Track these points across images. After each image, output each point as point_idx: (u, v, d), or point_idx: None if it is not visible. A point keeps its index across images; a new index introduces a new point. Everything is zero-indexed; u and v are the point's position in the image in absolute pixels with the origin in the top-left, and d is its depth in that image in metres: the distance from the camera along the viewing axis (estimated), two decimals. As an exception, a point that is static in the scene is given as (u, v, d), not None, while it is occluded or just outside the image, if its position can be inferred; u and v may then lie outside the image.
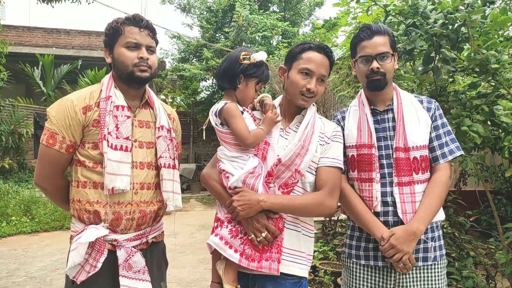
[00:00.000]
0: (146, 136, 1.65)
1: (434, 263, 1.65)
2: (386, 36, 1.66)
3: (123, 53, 1.57)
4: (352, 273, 1.74)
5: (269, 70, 1.67)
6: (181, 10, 14.50)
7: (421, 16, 2.19)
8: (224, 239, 1.51)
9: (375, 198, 1.64)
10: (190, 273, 4.62)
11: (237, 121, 1.53)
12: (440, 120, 1.70)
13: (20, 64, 9.99)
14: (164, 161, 1.64)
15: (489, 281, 2.84)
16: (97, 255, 1.49)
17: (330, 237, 4.30)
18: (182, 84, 13.03)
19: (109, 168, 1.51)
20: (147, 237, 1.65)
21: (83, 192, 1.55)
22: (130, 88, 1.63)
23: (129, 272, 1.54)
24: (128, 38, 1.56)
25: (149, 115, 1.68)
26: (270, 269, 1.47)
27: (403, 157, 1.63)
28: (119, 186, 1.51)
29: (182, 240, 6.16)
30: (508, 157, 2.19)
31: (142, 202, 1.60)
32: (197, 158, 13.17)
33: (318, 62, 1.57)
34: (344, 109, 1.87)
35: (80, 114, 1.54)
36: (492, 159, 4.73)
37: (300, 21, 14.65)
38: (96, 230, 1.51)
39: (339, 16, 3.12)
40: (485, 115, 2.21)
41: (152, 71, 1.61)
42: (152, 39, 1.63)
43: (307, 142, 1.55)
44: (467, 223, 3.08)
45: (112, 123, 1.54)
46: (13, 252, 5.36)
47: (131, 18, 1.59)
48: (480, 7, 2.06)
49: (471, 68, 2.27)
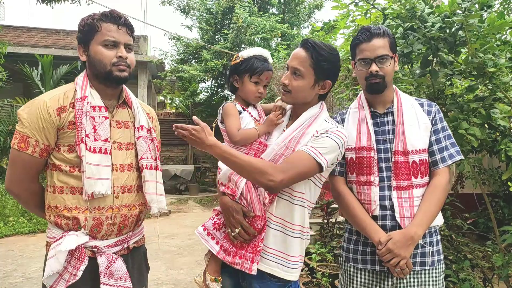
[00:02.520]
0: (125, 137, 1.58)
1: (432, 268, 1.63)
2: (385, 38, 1.64)
3: (100, 51, 1.48)
4: (349, 277, 1.73)
5: (264, 61, 1.69)
6: (181, 12, 14.51)
7: (419, 20, 2.20)
8: (207, 230, 1.60)
9: (373, 202, 1.62)
10: (187, 275, 4.61)
11: (229, 119, 1.61)
12: (441, 124, 1.68)
13: (19, 64, 9.97)
14: (146, 162, 1.59)
15: (486, 283, 2.85)
16: (77, 263, 1.42)
17: (328, 239, 4.31)
18: (181, 86, 13.02)
19: (88, 172, 1.43)
20: (128, 243, 1.60)
21: (60, 197, 1.47)
22: (107, 87, 1.55)
23: (110, 279, 1.48)
24: (106, 36, 1.48)
25: (127, 115, 1.62)
26: (243, 267, 1.48)
27: (402, 161, 1.62)
28: (99, 191, 1.44)
29: (179, 242, 6.15)
30: (504, 160, 2.20)
31: (123, 206, 1.54)
32: (196, 159, 13.16)
33: (294, 56, 1.58)
34: (344, 111, 1.85)
35: (54, 116, 1.45)
36: (490, 162, 4.74)
37: (300, 23, 14.68)
38: (76, 237, 1.44)
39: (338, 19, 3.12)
40: (482, 118, 2.23)
41: (131, 69, 1.55)
42: (130, 36, 1.56)
43: (293, 143, 1.52)
44: (464, 225, 3.08)
45: (90, 124, 1.46)
46: (10, 253, 5.34)
47: (108, 15, 1.51)
48: (478, 11, 2.07)
49: (468, 71, 2.28)
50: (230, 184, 1.57)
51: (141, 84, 12.44)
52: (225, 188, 1.59)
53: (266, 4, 13.81)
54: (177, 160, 12.92)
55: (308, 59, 1.53)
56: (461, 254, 2.81)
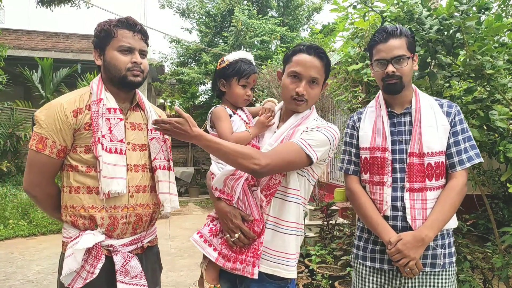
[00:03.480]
0: (139, 138, 1.63)
1: (443, 270, 1.61)
2: (402, 38, 1.62)
3: (116, 56, 1.54)
4: (359, 274, 1.74)
5: (250, 64, 1.69)
6: (180, 15, 14.56)
7: (417, 22, 2.21)
8: (203, 237, 1.57)
9: (385, 202, 1.62)
10: (187, 277, 4.61)
11: (221, 123, 1.60)
12: (460, 126, 1.64)
13: (19, 67, 9.99)
14: (159, 162, 1.64)
15: (486, 285, 2.85)
16: (94, 261, 1.47)
17: (328, 241, 4.31)
18: (181, 88, 13.05)
19: (105, 172, 1.48)
20: (143, 242, 1.64)
21: (77, 197, 1.51)
22: (120, 91, 1.61)
23: (126, 277, 1.52)
24: (122, 42, 1.53)
25: (141, 117, 1.67)
26: (244, 271, 1.47)
27: (417, 163, 1.60)
28: (115, 190, 1.49)
29: (180, 244, 6.15)
30: (503, 161, 2.21)
31: (138, 206, 1.58)
32: (196, 161, 13.16)
33: (307, 64, 1.52)
34: (361, 109, 1.84)
35: (71, 118, 1.50)
36: (489, 164, 4.75)
37: (299, 26, 14.71)
38: (93, 236, 1.48)
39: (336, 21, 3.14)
40: (481, 120, 2.24)
41: (144, 75, 1.61)
42: (145, 43, 1.62)
43: (285, 142, 1.52)
44: (464, 227, 3.09)
45: (105, 126, 1.51)
46: (10, 256, 5.34)
47: (125, 21, 1.56)
48: (475, 14, 2.09)
49: (466, 73, 2.30)
50: (225, 189, 1.55)
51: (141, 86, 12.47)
52: (221, 193, 1.56)
53: (265, 7, 13.86)
54: (177, 162, 12.92)
55: (322, 67, 1.55)
56: (461, 256, 2.81)
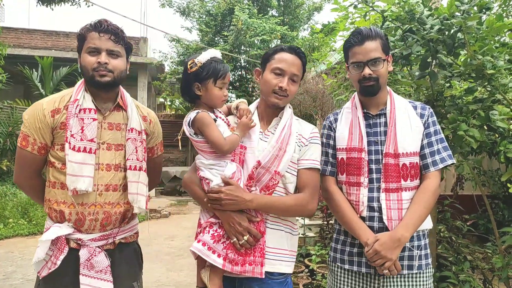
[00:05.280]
0: (116, 138, 1.67)
1: (419, 272, 1.62)
2: (377, 40, 1.63)
3: (84, 58, 1.62)
4: (336, 277, 1.74)
5: (222, 63, 1.65)
6: (181, 14, 14.55)
7: (418, 22, 2.21)
8: (207, 245, 1.52)
9: (362, 203, 1.63)
10: (187, 276, 4.61)
11: (211, 129, 1.54)
12: (433, 127, 1.67)
13: (19, 66, 9.98)
14: (131, 163, 1.66)
15: (486, 285, 2.85)
16: (57, 253, 1.55)
17: (328, 241, 4.31)
18: (181, 87, 13.03)
19: (70, 170, 1.55)
20: (114, 238, 1.67)
21: (53, 192, 1.61)
22: (98, 91, 1.65)
23: (90, 271, 1.57)
24: (89, 44, 1.61)
25: (122, 118, 1.71)
26: (254, 272, 1.49)
27: (392, 163, 1.61)
28: (80, 187, 1.54)
29: (179, 243, 6.15)
30: (504, 161, 2.21)
31: (106, 204, 1.62)
32: (196, 161, 13.18)
33: (290, 62, 1.61)
34: (337, 110, 1.85)
35: (48, 117, 1.60)
36: (489, 164, 4.75)
37: (299, 25, 14.71)
38: (59, 229, 1.57)
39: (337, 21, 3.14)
40: (481, 120, 2.23)
41: (115, 75, 1.62)
42: (116, 43, 1.62)
43: (284, 144, 1.59)
44: (464, 227, 3.09)
45: (78, 125, 1.58)
46: (10, 255, 5.33)
47: (93, 24, 1.63)
48: (476, 14, 2.08)
49: (467, 73, 2.29)
50: None
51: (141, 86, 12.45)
52: None
53: (265, 6, 13.85)
54: (177, 161, 12.93)
55: (301, 66, 1.66)
56: (461, 256, 2.82)
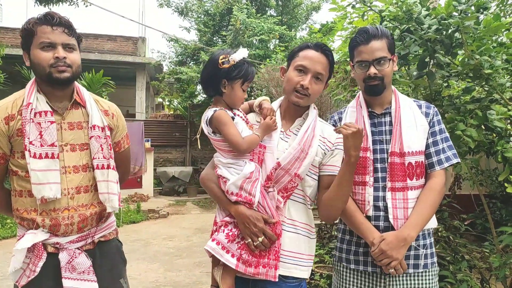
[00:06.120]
0: (79, 138, 1.59)
1: (425, 271, 1.62)
2: (383, 39, 1.62)
3: (37, 54, 1.49)
4: (341, 277, 1.72)
5: (252, 66, 1.61)
6: (179, 14, 14.52)
7: (416, 22, 2.21)
8: (221, 244, 1.49)
9: (367, 202, 1.62)
10: (186, 277, 4.60)
11: (229, 128, 1.50)
12: (438, 126, 1.67)
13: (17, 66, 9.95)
14: (97, 162, 1.58)
15: (484, 284, 2.86)
16: (35, 260, 1.48)
17: (326, 241, 4.31)
18: (179, 87, 13.01)
19: (34, 178, 1.46)
20: (93, 237, 1.61)
21: (20, 201, 1.52)
22: (54, 89, 1.55)
23: (73, 273, 1.52)
24: (41, 38, 1.48)
25: (81, 115, 1.61)
26: (267, 275, 1.45)
27: (398, 162, 1.61)
28: (48, 195, 1.46)
29: (178, 243, 6.14)
30: (501, 161, 2.21)
31: (80, 206, 1.55)
32: (194, 161, 13.14)
33: (314, 59, 1.55)
34: (342, 109, 1.84)
35: (2, 125, 1.49)
36: (487, 163, 4.76)
37: (297, 25, 14.71)
38: (34, 236, 1.49)
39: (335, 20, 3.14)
40: (479, 119, 2.24)
41: (73, 69, 1.53)
42: (70, 35, 1.53)
43: (307, 146, 1.53)
44: (462, 226, 3.10)
45: (35, 130, 1.48)
46: (8, 255, 5.32)
47: (42, 17, 1.51)
48: (474, 13, 2.09)
49: (465, 73, 2.30)
50: (242, 193, 1.49)
51: (139, 86, 12.45)
52: (238, 197, 1.50)
53: (264, 6, 13.84)
54: (175, 162, 12.90)
55: (328, 64, 1.59)
56: (459, 255, 2.82)
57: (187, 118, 13.62)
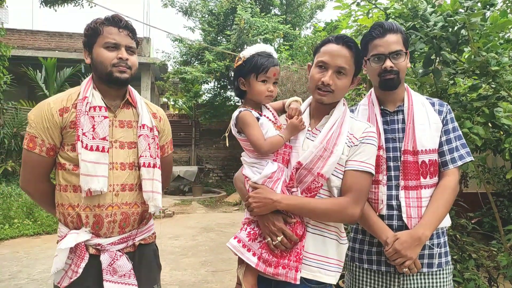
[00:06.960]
0: (128, 136, 1.62)
1: (439, 270, 1.61)
2: (398, 33, 1.61)
3: (101, 53, 1.55)
4: (354, 277, 1.71)
5: (267, 57, 1.57)
6: (183, 14, 14.55)
7: (421, 19, 2.20)
8: (242, 242, 1.48)
9: (381, 201, 1.59)
10: (191, 276, 4.62)
11: (251, 129, 1.49)
12: (452, 124, 1.65)
13: (23, 67, 10.03)
14: (144, 160, 1.61)
15: (491, 283, 2.83)
16: (78, 260, 1.49)
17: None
18: (184, 87, 13.04)
19: (84, 169, 1.48)
20: (134, 240, 1.62)
21: (65, 196, 1.54)
22: (110, 88, 1.61)
23: (114, 276, 1.52)
24: (107, 39, 1.55)
25: (132, 115, 1.66)
26: (287, 277, 1.41)
27: (411, 160, 1.59)
28: (95, 188, 1.48)
29: (183, 243, 6.16)
30: (509, 159, 2.19)
31: (124, 204, 1.57)
32: (199, 160, 13.18)
33: (335, 54, 1.48)
34: (353, 107, 1.82)
35: (57, 116, 1.53)
36: (494, 161, 4.72)
37: (302, 23, 14.67)
38: (76, 236, 1.50)
39: (340, 19, 3.13)
40: (485, 117, 2.22)
41: (132, 71, 1.60)
42: (132, 39, 1.60)
43: (331, 144, 1.46)
44: (469, 225, 3.07)
45: (89, 123, 1.52)
46: (16, 255, 5.37)
47: (110, 19, 1.58)
48: (480, 10, 2.07)
49: (471, 70, 2.28)
50: None
51: (144, 86, 12.48)
52: None
53: (268, 5, 13.82)
54: (180, 161, 12.94)
55: (352, 57, 1.51)
56: (466, 254, 2.80)
57: (192, 118, 13.66)
